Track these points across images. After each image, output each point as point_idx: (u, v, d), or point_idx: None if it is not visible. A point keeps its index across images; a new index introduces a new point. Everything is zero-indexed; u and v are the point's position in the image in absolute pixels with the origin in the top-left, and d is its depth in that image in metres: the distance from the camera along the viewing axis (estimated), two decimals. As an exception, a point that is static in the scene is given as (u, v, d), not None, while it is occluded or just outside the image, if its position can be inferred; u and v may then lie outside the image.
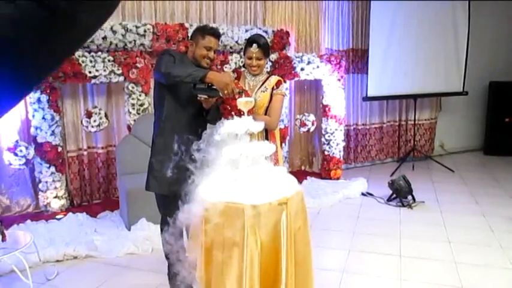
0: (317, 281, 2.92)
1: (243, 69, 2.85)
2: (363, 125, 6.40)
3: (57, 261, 3.38)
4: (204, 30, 2.65)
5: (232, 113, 2.45)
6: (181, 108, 2.61)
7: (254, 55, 2.63)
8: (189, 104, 2.60)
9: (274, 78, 2.74)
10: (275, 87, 2.72)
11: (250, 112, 2.49)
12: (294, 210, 2.12)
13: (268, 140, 2.73)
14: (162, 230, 2.76)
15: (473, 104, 7.31)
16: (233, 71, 2.86)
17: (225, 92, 2.33)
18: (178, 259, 2.62)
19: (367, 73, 5.81)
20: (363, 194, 5.06)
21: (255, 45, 2.61)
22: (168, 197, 2.58)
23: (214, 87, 2.35)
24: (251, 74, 2.72)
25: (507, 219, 4.21)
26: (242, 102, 2.20)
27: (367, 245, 3.65)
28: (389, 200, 4.77)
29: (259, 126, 2.23)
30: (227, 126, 2.20)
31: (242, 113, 2.26)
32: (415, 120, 6.47)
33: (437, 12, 6.11)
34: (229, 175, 2.13)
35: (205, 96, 2.44)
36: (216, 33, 2.66)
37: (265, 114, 2.74)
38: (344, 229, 4.04)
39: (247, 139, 2.21)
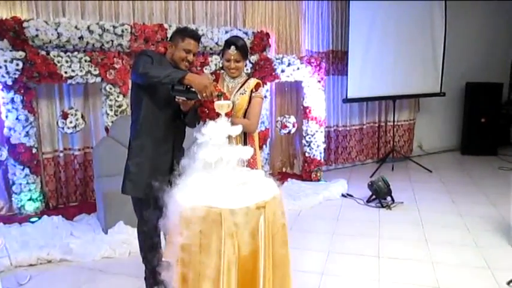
0: (296, 283, 2.91)
1: (221, 71, 2.82)
2: (343, 126, 6.43)
3: (31, 265, 3.29)
4: (184, 33, 2.62)
5: (210, 116, 2.43)
6: (159, 111, 2.57)
7: (232, 57, 2.61)
8: (166, 106, 2.57)
9: (253, 81, 2.73)
10: (254, 90, 2.70)
11: (228, 115, 2.48)
12: (272, 213, 2.11)
13: (246, 143, 2.72)
14: (138, 233, 2.72)
15: (450, 104, 7.43)
16: (212, 73, 2.83)
17: (204, 94, 2.30)
18: (155, 263, 2.59)
19: (347, 75, 5.83)
20: (343, 195, 5.09)
21: (233, 47, 2.60)
22: (145, 201, 2.54)
23: (193, 89, 2.32)
24: (230, 76, 2.70)
25: (482, 218, 4.28)
26: (220, 105, 2.17)
27: (346, 247, 3.67)
28: (368, 201, 4.81)
29: (237, 129, 2.22)
30: (205, 130, 2.18)
31: (220, 116, 2.23)
32: (394, 121, 6.54)
33: (415, 13, 6.19)
34: (206, 179, 2.11)
35: (184, 99, 2.41)
36: (196, 36, 2.63)
37: (244, 117, 2.72)
38: (324, 231, 4.05)
39: (225, 142, 2.19)
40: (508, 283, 3.00)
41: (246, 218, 2.00)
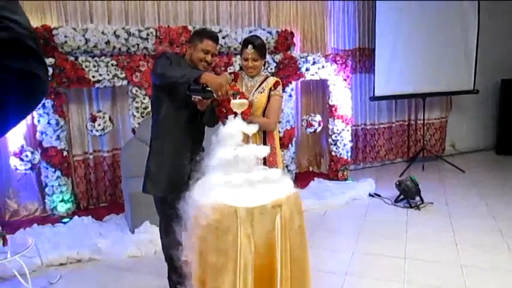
0: (319, 283, 2.91)
1: (241, 71, 2.83)
2: (372, 124, 6.33)
3: (61, 264, 3.40)
4: (203, 34, 2.65)
5: (228, 115, 2.43)
6: (178, 111, 2.60)
7: (250, 56, 2.62)
8: (185, 107, 2.60)
9: (271, 80, 2.72)
10: (273, 88, 2.69)
11: (247, 114, 2.48)
12: (288, 212, 2.10)
13: (266, 141, 2.72)
14: (160, 232, 2.77)
15: (485, 102, 7.18)
16: (230, 73, 2.84)
17: (219, 93, 2.31)
18: (177, 262, 2.63)
19: (374, 72, 5.74)
20: (370, 195, 5.00)
21: (250, 46, 2.60)
22: (166, 200, 2.58)
23: (209, 88, 2.34)
24: (248, 75, 2.71)
25: (517, 221, 4.11)
26: (236, 104, 2.18)
27: (372, 247, 3.60)
28: (396, 201, 4.70)
29: (253, 128, 2.22)
30: (223, 128, 2.19)
31: (237, 115, 2.24)
32: (424, 119, 6.37)
33: (445, 9, 6.01)
34: (223, 177, 2.12)
35: (200, 98, 2.43)
36: (214, 37, 2.66)
37: (263, 115, 2.72)
38: (349, 231, 4.00)
39: (242, 141, 2.20)
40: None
41: (262, 216, 2.00)
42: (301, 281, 2.22)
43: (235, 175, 2.09)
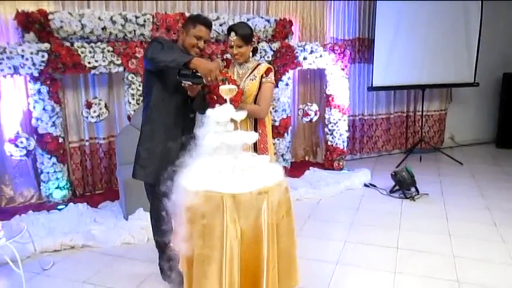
0: (309, 271, 2.92)
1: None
2: (369, 115, 6.30)
3: (55, 251, 3.41)
4: (196, 19, 2.65)
5: (219, 102, 2.42)
6: (169, 97, 2.60)
7: (234, 43, 2.61)
8: (176, 93, 2.60)
9: (263, 66, 2.71)
10: (264, 75, 2.68)
11: (237, 101, 2.47)
12: (276, 200, 2.09)
13: (257, 129, 2.71)
14: (151, 218, 2.78)
15: (485, 95, 7.13)
16: (222, 60, 2.83)
17: (209, 78, 2.30)
18: (166, 248, 2.64)
19: (373, 63, 5.70)
20: (365, 185, 5.00)
21: (232, 33, 2.60)
22: (155, 186, 2.58)
23: (199, 74, 2.33)
24: (237, 62, 2.70)
25: (512, 213, 4.10)
26: (224, 90, 2.17)
27: (364, 237, 3.60)
28: (391, 191, 4.70)
29: (241, 114, 2.21)
30: (211, 115, 2.18)
31: (227, 102, 2.23)
32: (422, 111, 6.34)
33: (447, 0, 5.94)
34: (210, 164, 2.11)
35: (190, 83, 2.42)
36: (207, 23, 2.65)
37: (255, 102, 2.71)
38: (342, 220, 3.99)
39: (231, 127, 2.19)
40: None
41: (248, 203, 2.00)
42: (287, 268, 2.23)
43: (222, 162, 2.09)
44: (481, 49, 6.29)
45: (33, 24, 4.00)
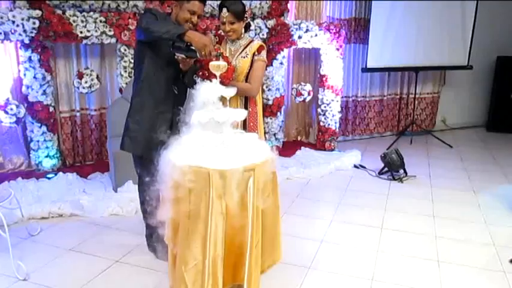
0: (293, 249, 2.98)
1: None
2: (363, 97, 6.30)
3: (43, 218, 3.45)
4: None
5: (209, 78, 2.42)
6: (160, 70, 2.59)
7: (225, 19, 2.58)
8: (168, 66, 2.58)
9: (255, 44, 2.69)
10: (256, 53, 2.66)
11: (228, 78, 2.47)
12: (262, 177, 2.12)
13: (247, 107, 2.71)
14: (139, 190, 2.80)
15: (479, 78, 7.14)
16: (215, 35, 2.81)
17: (203, 53, 2.29)
18: (152, 220, 2.66)
19: (368, 43, 5.67)
20: (355, 166, 5.05)
21: (224, 9, 2.57)
22: (143, 158, 2.59)
23: (193, 47, 2.31)
24: (229, 39, 2.68)
25: (496, 196, 4.17)
26: (214, 66, 2.17)
27: (350, 217, 3.66)
28: (380, 173, 4.75)
29: (231, 91, 2.21)
30: (200, 90, 2.18)
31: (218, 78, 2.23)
32: (415, 93, 6.35)
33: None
34: (198, 139, 2.13)
35: (183, 56, 2.40)
36: None
37: (246, 80, 2.70)
38: (330, 200, 4.05)
39: (220, 104, 2.19)
40: (511, 261, 2.94)
41: (235, 179, 2.02)
42: (271, 244, 2.28)
43: (210, 137, 2.10)
44: (476, 32, 6.26)
45: None
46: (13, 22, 3.83)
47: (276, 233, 2.30)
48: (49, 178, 4.15)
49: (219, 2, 4.46)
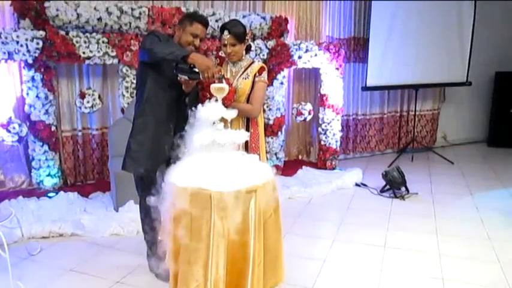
0: (296, 269, 2.96)
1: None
2: (363, 115, 6.34)
3: (43, 237, 3.43)
4: (193, 17, 2.65)
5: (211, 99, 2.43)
6: (163, 91, 2.61)
7: (227, 42, 2.62)
8: (170, 87, 2.60)
9: (256, 65, 2.72)
10: (257, 74, 2.69)
11: (230, 100, 2.48)
12: (263, 198, 2.12)
13: (249, 128, 2.72)
14: (140, 211, 2.79)
15: (478, 94, 7.20)
16: (216, 57, 2.84)
17: (206, 75, 2.31)
18: (154, 241, 2.66)
19: (367, 62, 5.73)
20: (356, 184, 5.04)
21: (226, 31, 2.61)
22: (145, 179, 2.60)
23: (196, 69, 2.34)
24: (230, 61, 2.71)
25: (499, 212, 4.16)
26: (214, 88, 2.19)
27: (353, 236, 3.63)
28: (382, 191, 4.74)
29: (232, 112, 2.22)
30: (201, 112, 2.20)
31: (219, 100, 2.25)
32: (415, 111, 6.39)
33: (441, 0, 5.96)
34: (200, 161, 2.13)
35: (186, 78, 2.42)
36: (204, 21, 2.66)
37: (247, 101, 2.72)
38: (332, 219, 4.03)
39: (221, 126, 2.21)
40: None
41: (236, 201, 2.02)
42: (273, 265, 2.27)
43: (211, 159, 2.11)
44: (474, 48, 6.36)
45: (29, 11, 3.99)
46: (17, 42, 3.89)
47: (278, 253, 2.29)
48: (50, 197, 4.15)
49: (220, 23, 4.59)
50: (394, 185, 4.65)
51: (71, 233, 3.50)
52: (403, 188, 4.68)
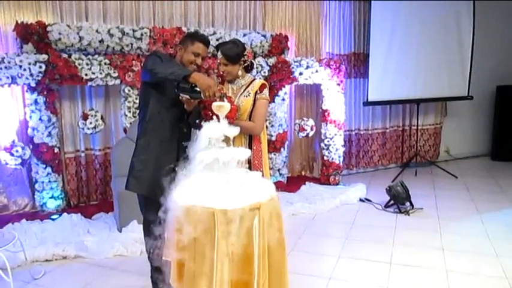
0: (302, 287, 2.92)
1: None
2: (365, 130, 6.34)
3: (47, 260, 3.41)
4: (194, 36, 2.68)
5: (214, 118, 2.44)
6: (165, 110, 2.62)
7: (220, 61, 2.66)
8: (173, 106, 2.61)
9: (257, 83, 2.73)
10: (258, 91, 2.70)
11: (232, 118, 2.49)
12: (267, 215, 2.10)
13: (252, 145, 2.72)
14: (144, 230, 2.77)
15: (480, 108, 7.20)
16: (217, 76, 2.86)
17: (207, 94, 2.32)
18: (158, 261, 2.63)
19: (368, 77, 5.76)
20: (361, 199, 5.01)
21: (219, 52, 2.65)
22: (148, 198, 2.59)
23: (198, 88, 2.35)
24: (226, 79, 2.74)
25: (506, 226, 4.12)
26: (216, 106, 2.19)
27: (358, 252, 3.60)
28: (386, 206, 4.71)
29: (234, 130, 2.22)
30: (203, 131, 2.20)
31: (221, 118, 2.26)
32: (417, 125, 6.39)
33: (440, 13, 6.03)
34: (203, 179, 2.13)
35: (187, 97, 2.44)
36: (205, 40, 2.68)
37: (249, 119, 2.72)
38: (336, 235, 4.00)
39: (224, 143, 2.21)
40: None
41: (240, 219, 2.00)
42: (278, 284, 2.23)
43: (214, 177, 2.10)
44: (475, 62, 6.38)
45: (32, 35, 4.04)
46: (20, 66, 3.93)
47: (283, 271, 2.26)
48: (53, 219, 4.14)
49: (219, 42, 4.63)
50: (399, 200, 4.62)
51: (74, 255, 3.48)
52: (407, 203, 4.65)
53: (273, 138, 5.13)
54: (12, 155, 4.01)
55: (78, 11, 4.48)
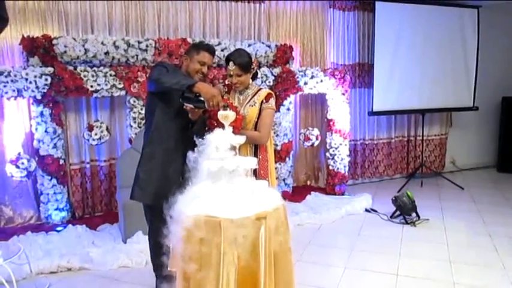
0: (308, 298, 2.89)
1: None
2: (371, 139, 6.32)
3: (51, 272, 3.39)
4: (200, 46, 2.73)
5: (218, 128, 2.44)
6: (170, 120, 2.64)
7: (232, 72, 2.66)
8: (178, 116, 2.63)
9: (263, 92, 2.74)
10: (264, 101, 2.71)
11: (238, 127, 2.49)
12: (274, 225, 2.09)
13: (257, 154, 2.72)
14: (149, 241, 2.77)
15: (486, 119, 7.16)
16: (224, 85, 2.87)
17: (211, 103, 2.34)
18: (163, 271, 2.61)
19: (373, 87, 5.76)
20: (366, 210, 4.97)
21: (231, 63, 2.65)
22: (153, 208, 2.58)
23: (202, 98, 2.36)
24: (236, 90, 2.74)
25: (513, 238, 4.07)
26: (221, 115, 2.20)
27: (364, 263, 3.56)
28: (392, 216, 4.67)
29: (240, 139, 2.22)
30: (209, 140, 2.20)
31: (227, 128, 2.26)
32: (423, 135, 6.37)
33: (445, 23, 6.03)
34: (208, 188, 2.12)
35: (192, 106, 2.45)
36: (210, 50, 2.72)
37: (255, 129, 2.72)
38: (342, 246, 3.96)
39: (230, 153, 2.20)
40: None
41: (246, 228, 1.99)
42: (285, 294, 2.21)
43: (220, 186, 2.09)
44: (480, 73, 6.37)
45: (38, 48, 4.08)
46: (26, 79, 3.96)
47: (290, 282, 2.23)
48: (58, 231, 4.13)
49: (225, 52, 4.67)
50: (405, 211, 4.58)
51: (79, 267, 3.46)
52: (413, 214, 4.60)
53: (278, 148, 5.12)
54: (18, 167, 4.02)
55: (84, 24, 4.52)
